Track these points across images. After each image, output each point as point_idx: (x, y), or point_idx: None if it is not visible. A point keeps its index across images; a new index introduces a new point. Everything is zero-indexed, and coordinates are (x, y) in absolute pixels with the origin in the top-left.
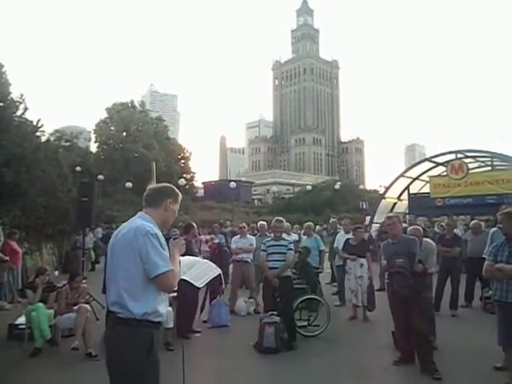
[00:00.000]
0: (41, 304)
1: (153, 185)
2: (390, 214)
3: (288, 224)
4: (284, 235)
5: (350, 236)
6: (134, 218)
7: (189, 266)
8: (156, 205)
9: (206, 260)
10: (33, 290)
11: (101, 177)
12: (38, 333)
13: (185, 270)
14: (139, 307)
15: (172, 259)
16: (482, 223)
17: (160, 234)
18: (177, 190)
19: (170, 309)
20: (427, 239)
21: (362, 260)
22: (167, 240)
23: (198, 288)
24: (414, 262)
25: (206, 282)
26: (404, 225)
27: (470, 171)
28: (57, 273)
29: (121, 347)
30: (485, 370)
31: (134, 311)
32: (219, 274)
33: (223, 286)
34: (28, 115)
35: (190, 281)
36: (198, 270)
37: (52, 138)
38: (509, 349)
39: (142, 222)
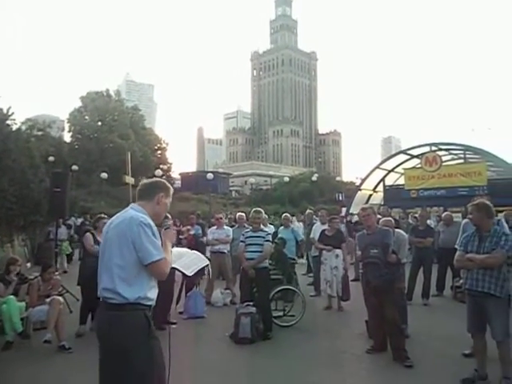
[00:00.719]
0: (12, 296)
1: (146, 179)
2: (365, 206)
3: (265, 216)
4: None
5: (325, 227)
6: (127, 209)
7: (178, 256)
8: (148, 198)
9: (194, 251)
10: (4, 283)
11: (75, 167)
12: (9, 326)
13: (174, 260)
14: (132, 292)
15: (164, 248)
16: (455, 215)
17: (153, 224)
18: (169, 185)
19: None
20: (399, 230)
21: (338, 251)
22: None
23: (189, 276)
24: (387, 252)
25: (196, 271)
26: (378, 216)
27: (444, 163)
28: (29, 264)
29: (118, 331)
30: (455, 357)
31: (127, 296)
32: (207, 265)
33: (205, 276)
34: None
35: (180, 269)
36: (188, 260)
37: (23, 127)
38: (477, 336)
39: (135, 212)
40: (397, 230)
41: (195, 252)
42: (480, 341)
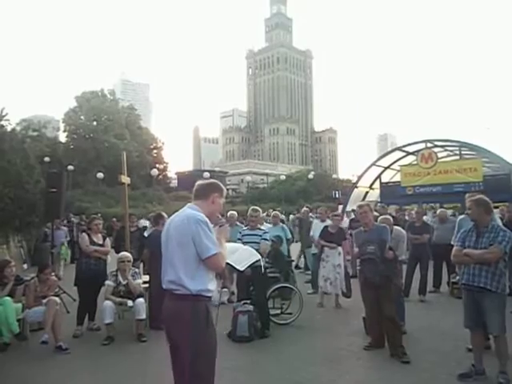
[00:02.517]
0: (8, 298)
1: (201, 181)
2: (361, 203)
3: (263, 214)
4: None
5: (326, 224)
6: (184, 208)
7: (231, 251)
8: (204, 198)
9: (247, 246)
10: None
11: (71, 167)
12: (6, 328)
13: (228, 255)
14: (195, 284)
15: (219, 244)
16: (449, 211)
17: (208, 221)
18: (222, 186)
19: (142, 300)
20: (397, 227)
21: (340, 248)
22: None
23: (241, 271)
24: (384, 249)
25: (247, 265)
26: (375, 213)
27: (439, 160)
28: (25, 266)
29: (183, 319)
30: (452, 353)
31: (190, 288)
32: (259, 259)
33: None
34: None
35: (233, 264)
36: (240, 255)
37: (18, 128)
38: (474, 331)
39: (192, 211)
40: (395, 227)
41: (247, 248)
42: (477, 336)
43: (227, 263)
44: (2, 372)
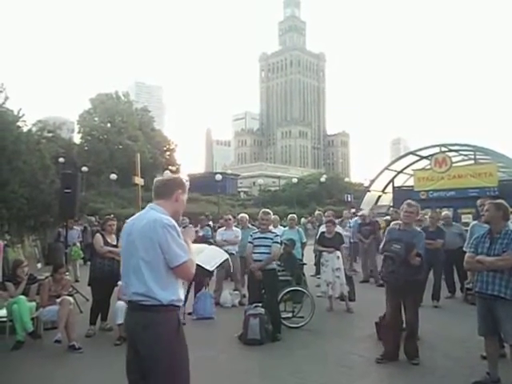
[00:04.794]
0: (22, 297)
1: (161, 177)
2: (412, 202)
3: (276, 217)
4: (270, 227)
5: (323, 229)
6: (146, 209)
7: (197, 252)
8: (167, 196)
9: (213, 246)
10: (14, 283)
11: (85, 168)
12: (20, 326)
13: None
14: (167, 295)
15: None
16: (465, 216)
17: (176, 224)
18: (185, 181)
19: None
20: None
21: (338, 252)
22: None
23: (210, 271)
24: (410, 252)
25: (216, 265)
26: (387, 217)
27: (454, 164)
28: (39, 265)
29: (152, 331)
30: (466, 360)
31: (161, 299)
32: (227, 258)
33: (209, 278)
34: (9, 104)
35: (201, 264)
36: (206, 256)
37: (34, 129)
38: (488, 338)
39: (156, 213)
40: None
41: (214, 247)
42: (491, 344)
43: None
44: (16, 369)
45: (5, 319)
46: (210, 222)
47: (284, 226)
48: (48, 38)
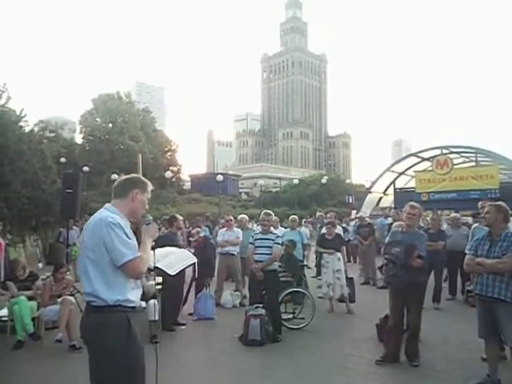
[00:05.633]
0: (23, 297)
1: (122, 176)
2: (415, 204)
3: (277, 218)
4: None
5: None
6: (101, 209)
7: (164, 255)
8: (123, 196)
9: (183, 249)
10: (15, 283)
11: (86, 168)
12: (20, 326)
13: (159, 259)
14: (112, 294)
15: (142, 245)
16: (465, 218)
17: (124, 223)
18: (144, 180)
19: (155, 301)
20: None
21: (339, 254)
22: (137, 229)
23: (171, 275)
24: (411, 254)
25: (179, 269)
26: (389, 219)
27: (455, 166)
28: (41, 265)
29: (101, 332)
30: (467, 362)
31: (106, 298)
32: (194, 263)
33: (209, 278)
34: (11, 104)
35: (163, 268)
36: (173, 259)
37: (36, 129)
38: (489, 341)
39: (105, 213)
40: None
41: (184, 250)
42: (492, 346)
43: (158, 267)
44: (16, 369)
45: (6, 318)
46: (208, 223)
47: (285, 227)
48: (50, 38)
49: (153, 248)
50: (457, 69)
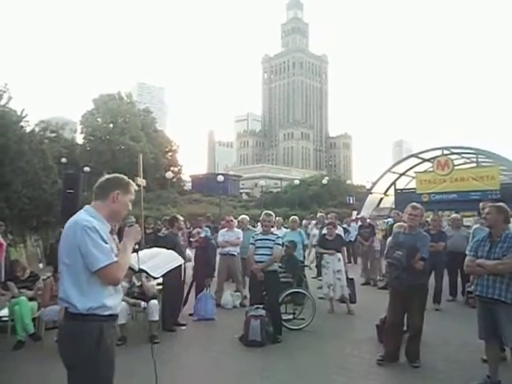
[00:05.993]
0: (23, 298)
1: (103, 176)
2: (417, 205)
3: (279, 218)
4: (273, 229)
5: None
6: (80, 211)
7: (150, 257)
8: (103, 197)
9: (171, 251)
10: (15, 283)
11: (87, 169)
12: (21, 327)
13: (145, 260)
14: (84, 302)
15: (122, 248)
16: (467, 219)
17: (101, 227)
18: (127, 181)
19: (155, 301)
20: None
21: (339, 254)
22: (119, 230)
23: (155, 278)
24: (413, 257)
25: (164, 272)
26: (389, 219)
27: (456, 167)
28: (41, 265)
29: (70, 341)
30: (467, 363)
31: (78, 306)
32: (180, 265)
33: (210, 279)
34: (12, 105)
35: (148, 271)
36: (158, 260)
37: (37, 129)
38: (489, 342)
39: (82, 215)
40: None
41: (171, 252)
42: (492, 347)
43: (142, 269)
44: (16, 368)
45: (6, 319)
46: (209, 223)
47: (286, 228)
48: (51, 38)
49: (137, 250)
50: (458, 69)
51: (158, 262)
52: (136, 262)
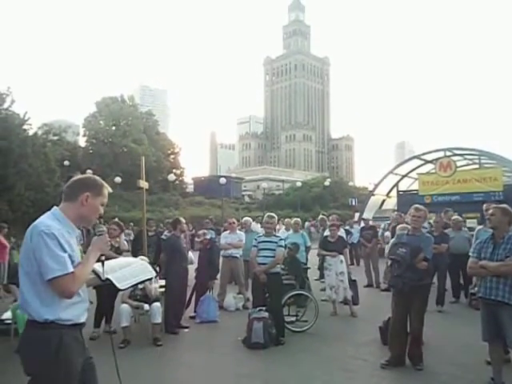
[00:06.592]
0: None
1: (74, 176)
2: (420, 207)
3: (288, 219)
4: (282, 231)
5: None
6: (46, 213)
7: (121, 266)
8: (72, 199)
9: (143, 262)
10: (18, 286)
11: (89, 171)
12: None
13: (116, 269)
14: (43, 311)
15: (84, 259)
16: (470, 221)
17: (63, 232)
18: (100, 182)
19: (158, 304)
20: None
21: (341, 256)
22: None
23: (120, 290)
24: (417, 256)
25: (131, 284)
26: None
27: (458, 169)
28: None
29: (29, 349)
30: (470, 365)
31: (34, 315)
32: (150, 278)
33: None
34: (15, 108)
35: (113, 281)
36: (129, 271)
37: (40, 132)
38: (492, 344)
39: (43, 219)
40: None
41: (144, 263)
42: (496, 349)
43: (108, 279)
44: (19, 371)
45: (9, 321)
46: (212, 225)
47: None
48: (54, 41)
49: (103, 261)
50: (460, 71)
51: (126, 272)
52: (102, 271)
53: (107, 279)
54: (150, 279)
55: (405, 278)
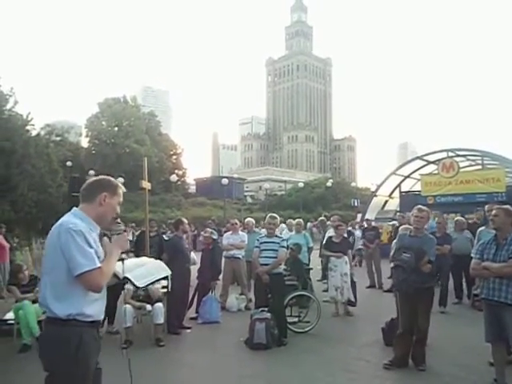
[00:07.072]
0: (27, 302)
1: (91, 178)
2: (423, 207)
3: (291, 220)
4: (285, 231)
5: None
6: (68, 213)
7: (136, 266)
8: (90, 199)
9: (159, 261)
10: (18, 287)
11: (92, 172)
12: (26, 331)
13: (132, 269)
14: (63, 308)
15: (107, 256)
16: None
17: (88, 230)
18: (115, 183)
19: (160, 304)
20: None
21: (346, 257)
22: (103, 235)
23: (138, 287)
24: (420, 259)
25: (148, 282)
26: (394, 222)
27: (461, 170)
28: None
29: (49, 346)
30: (473, 366)
31: (56, 312)
32: (167, 276)
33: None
34: (18, 109)
35: (132, 279)
36: (144, 270)
37: (42, 133)
38: (495, 345)
39: (68, 218)
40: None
41: (159, 263)
42: (499, 350)
43: (127, 277)
44: (21, 371)
45: (12, 322)
46: (214, 226)
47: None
48: (56, 42)
49: (122, 259)
50: (463, 71)
51: (143, 271)
52: (122, 270)
53: (125, 278)
54: (165, 277)
55: (410, 282)
